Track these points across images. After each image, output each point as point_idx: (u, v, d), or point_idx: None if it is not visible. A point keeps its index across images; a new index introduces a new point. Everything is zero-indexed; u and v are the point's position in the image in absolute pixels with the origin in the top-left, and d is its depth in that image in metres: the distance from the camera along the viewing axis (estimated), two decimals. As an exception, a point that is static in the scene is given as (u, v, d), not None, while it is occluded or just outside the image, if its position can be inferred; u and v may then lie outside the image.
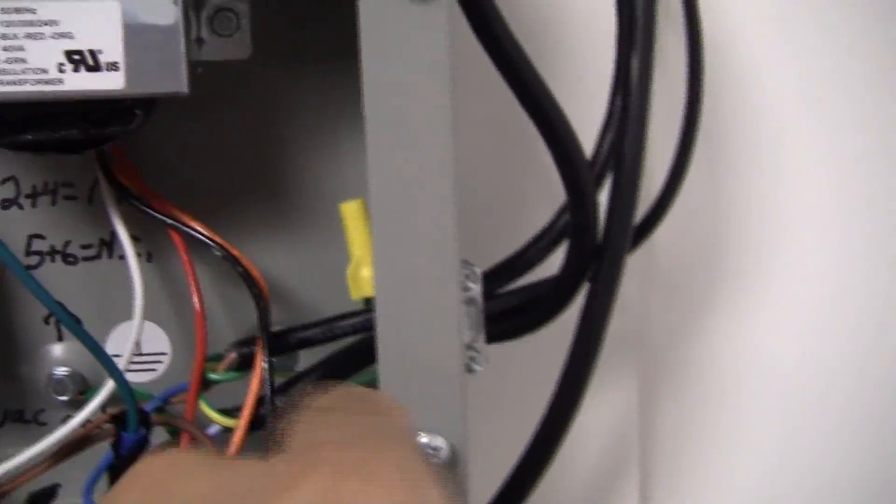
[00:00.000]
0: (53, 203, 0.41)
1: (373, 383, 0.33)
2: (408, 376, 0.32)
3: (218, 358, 0.39)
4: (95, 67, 0.33)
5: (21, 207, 0.41)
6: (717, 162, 0.51)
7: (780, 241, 0.53)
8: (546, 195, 0.38)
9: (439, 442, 0.32)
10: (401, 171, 0.31)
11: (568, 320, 0.40)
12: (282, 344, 0.39)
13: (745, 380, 0.54)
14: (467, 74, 0.35)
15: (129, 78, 0.33)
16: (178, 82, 0.34)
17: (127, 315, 0.40)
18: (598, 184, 0.38)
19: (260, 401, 0.37)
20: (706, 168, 0.51)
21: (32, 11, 0.33)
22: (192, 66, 0.35)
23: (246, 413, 0.37)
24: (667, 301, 0.52)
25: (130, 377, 0.40)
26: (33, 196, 0.41)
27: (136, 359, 0.41)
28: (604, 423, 0.53)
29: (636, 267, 0.49)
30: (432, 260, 0.31)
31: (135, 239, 0.40)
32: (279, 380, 0.39)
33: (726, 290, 0.53)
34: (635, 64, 0.37)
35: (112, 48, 0.33)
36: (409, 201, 0.31)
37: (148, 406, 0.38)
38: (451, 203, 0.31)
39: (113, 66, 0.33)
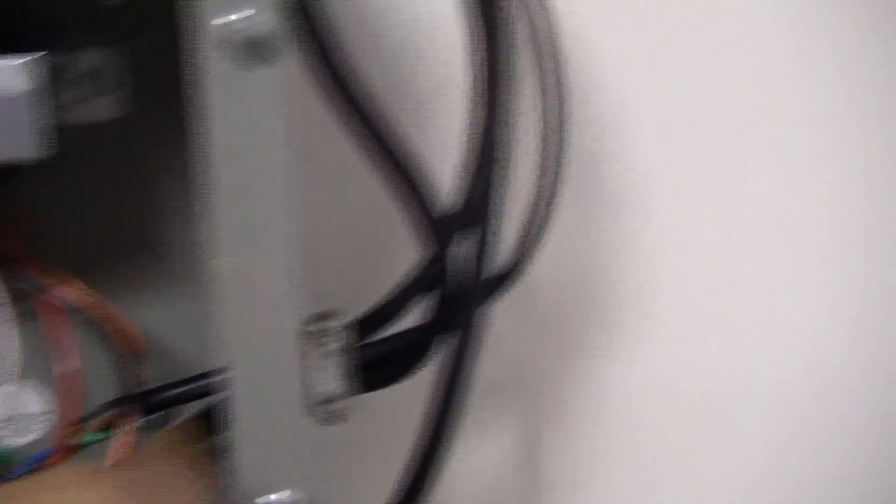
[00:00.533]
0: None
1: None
2: (260, 434, 0.33)
3: (92, 417, 0.39)
4: (-53, 136, 0.33)
5: None
6: (592, 203, 0.52)
7: (663, 273, 0.53)
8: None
9: (297, 497, 0.33)
10: (243, 235, 0.32)
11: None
12: (156, 401, 0.39)
13: (638, 419, 0.54)
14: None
15: (-18, 146, 0.33)
16: (33, 149, 0.34)
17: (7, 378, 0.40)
18: (462, 231, 0.38)
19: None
20: (580, 211, 0.51)
21: None
22: (59, 128, 0.35)
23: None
24: (546, 344, 0.53)
25: (8, 440, 0.40)
26: None
27: (13, 422, 0.41)
28: (489, 475, 0.53)
29: (514, 310, 0.50)
30: (274, 319, 0.32)
31: (14, 299, 0.40)
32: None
33: (608, 329, 0.53)
34: (495, 112, 0.38)
35: (-38, 117, 0.33)
36: (251, 264, 0.32)
37: (18, 470, 0.38)
38: (294, 264, 0.32)
39: (-35, 134, 0.34)
